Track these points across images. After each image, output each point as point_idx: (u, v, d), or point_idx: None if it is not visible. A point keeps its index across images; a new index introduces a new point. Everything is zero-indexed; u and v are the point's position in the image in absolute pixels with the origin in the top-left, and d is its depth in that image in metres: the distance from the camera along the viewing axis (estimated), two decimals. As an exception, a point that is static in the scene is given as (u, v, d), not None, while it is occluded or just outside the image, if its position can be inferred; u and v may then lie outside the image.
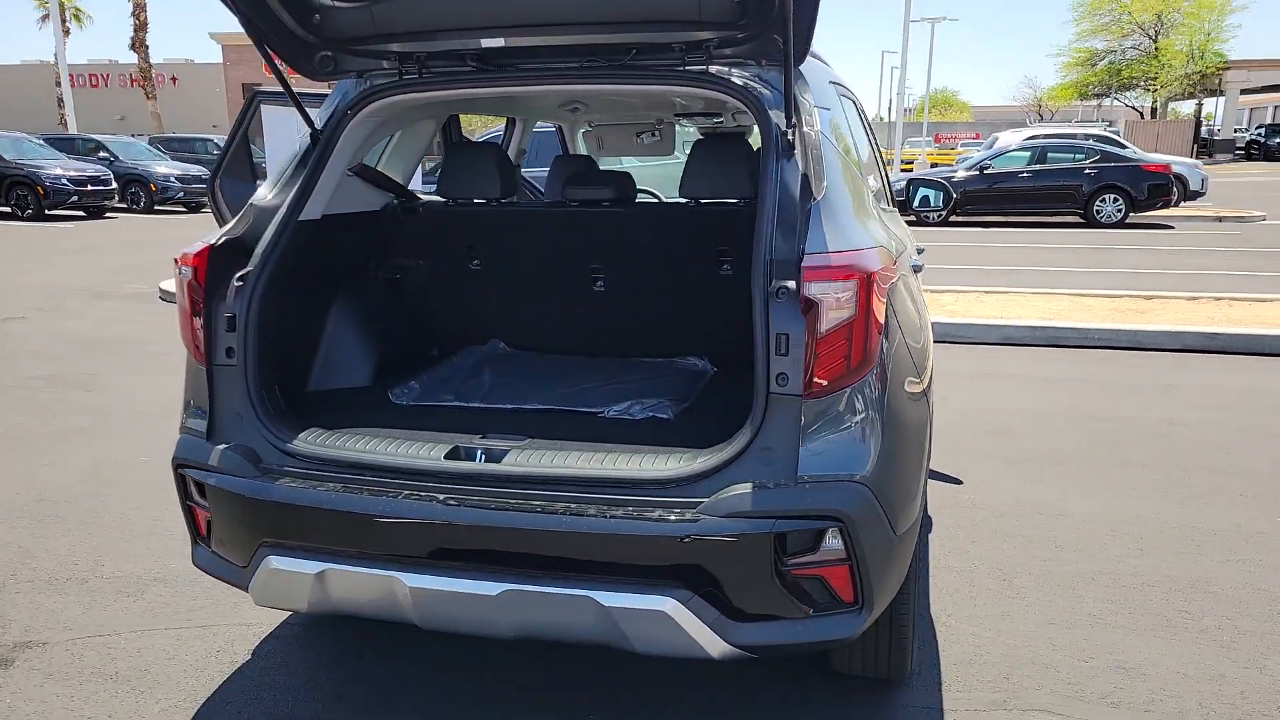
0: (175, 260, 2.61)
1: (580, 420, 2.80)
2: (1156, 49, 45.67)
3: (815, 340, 2.16)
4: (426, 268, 3.67)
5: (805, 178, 2.41)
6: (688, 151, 3.27)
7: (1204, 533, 4.03)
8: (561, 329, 3.77)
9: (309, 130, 2.85)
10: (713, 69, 2.61)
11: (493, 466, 2.34)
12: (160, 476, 4.72)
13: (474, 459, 2.42)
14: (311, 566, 2.34)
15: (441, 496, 2.28)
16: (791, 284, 2.22)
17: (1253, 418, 5.68)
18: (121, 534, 4.07)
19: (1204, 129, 46.23)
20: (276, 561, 2.37)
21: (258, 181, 4.41)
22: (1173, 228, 17.42)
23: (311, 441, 2.47)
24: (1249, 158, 44.88)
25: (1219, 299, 8.87)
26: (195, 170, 22.56)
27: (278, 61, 2.74)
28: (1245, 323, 7.67)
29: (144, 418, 5.83)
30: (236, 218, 2.76)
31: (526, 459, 2.36)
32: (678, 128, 5.38)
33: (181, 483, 2.59)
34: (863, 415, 2.22)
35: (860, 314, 2.17)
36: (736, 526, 2.13)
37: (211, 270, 2.56)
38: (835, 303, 2.16)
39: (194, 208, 22.66)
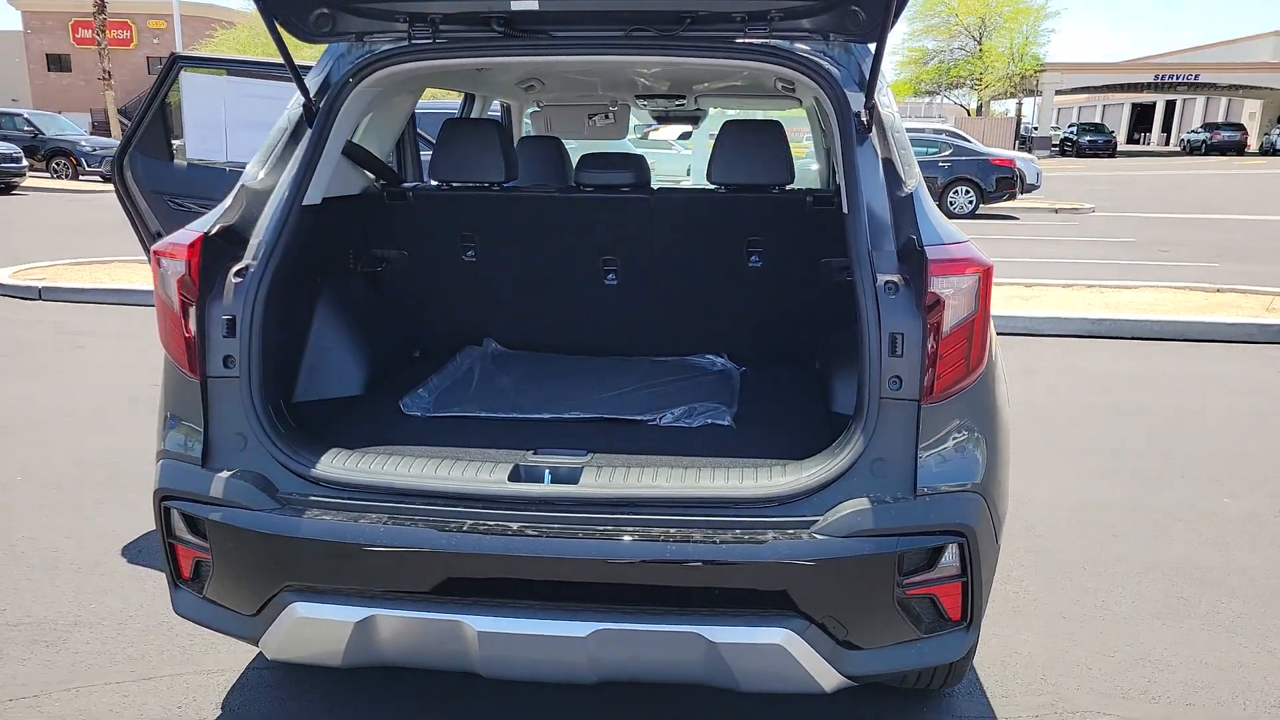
0: (155, 253, 2.17)
1: (634, 430, 2.54)
2: (981, 50, 48.55)
3: (938, 340, 1.98)
4: (416, 260, 3.30)
5: (890, 163, 2.24)
6: (652, 135, 3.06)
7: (1160, 514, 4.14)
8: (567, 327, 3.48)
9: (302, 101, 2.44)
10: (773, 42, 2.39)
11: (570, 489, 2.05)
12: (50, 498, 4.10)
13: (541, 479, 2.12)
14: (352, 613, 1.99)
15: (514, 525, 1.98)
16: (898, 278, 2.04)
17: (1144, 398, 5.96)
18: (19, 571, 3.48)
19: (1022, 127, 49.56)
20: (305, 609, 2.00)
21: (177, 160, 3.87)
22: (1018, 218, 18.46)
23: (341, 465, 2.10)
24: (1063, 154, 48.43)
25: (1091, 286, 9.37)
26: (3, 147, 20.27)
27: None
28: (1124, 308, 8.12)
29: (9, 431, 5.09)
30: (227, 201, 2.34)
31: (605, 479, 2.08)
32: (634, 110, 5.11)
33: (165, 517, 2.16)
34: (976, 419, 2.07)
35: (981, 310, 2.02)
36: (859, 547, 1.93)
37: (204, 264, 2.14)
38: (959, 299, 1.99)
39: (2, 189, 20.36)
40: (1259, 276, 10.29)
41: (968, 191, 18.08)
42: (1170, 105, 63.75)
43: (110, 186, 8.16)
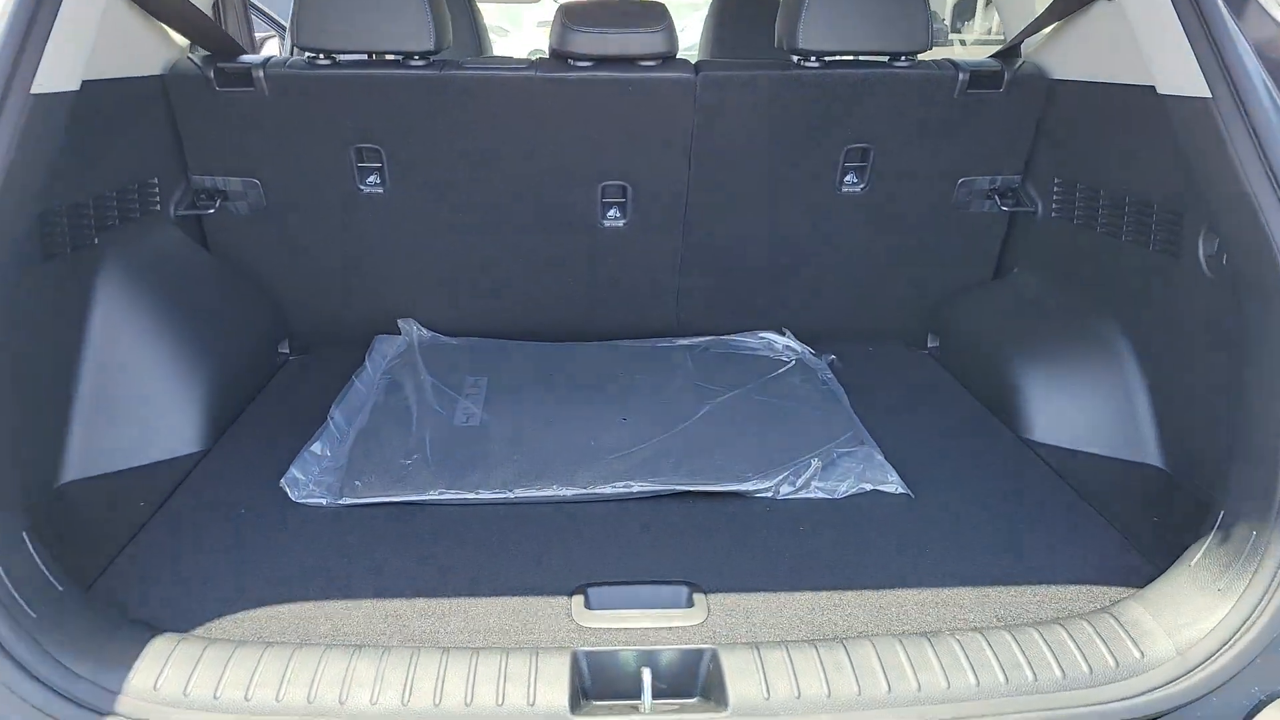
0: None
1: (741, 518, 1.64)
2: None
3: None
4: (277, 193, 2.17)
5: None
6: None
7: None
8: (540, 297, 2.39)
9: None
10: None
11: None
12: None
13: (633, 694, 1.21)
14: None
15: None
16: None
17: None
18: None
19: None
20: None
21: None
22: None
23: (168, 690, 1.14)
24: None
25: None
26: None
27: None
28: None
29: None
30: None
31: (753, 685, 1.18)
32: None
33: None
34: None
35: None
36: None
37: None
38: None
39: None
40: None
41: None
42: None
43: None
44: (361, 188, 2.15)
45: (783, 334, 2.40)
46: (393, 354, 2.19)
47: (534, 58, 2.17)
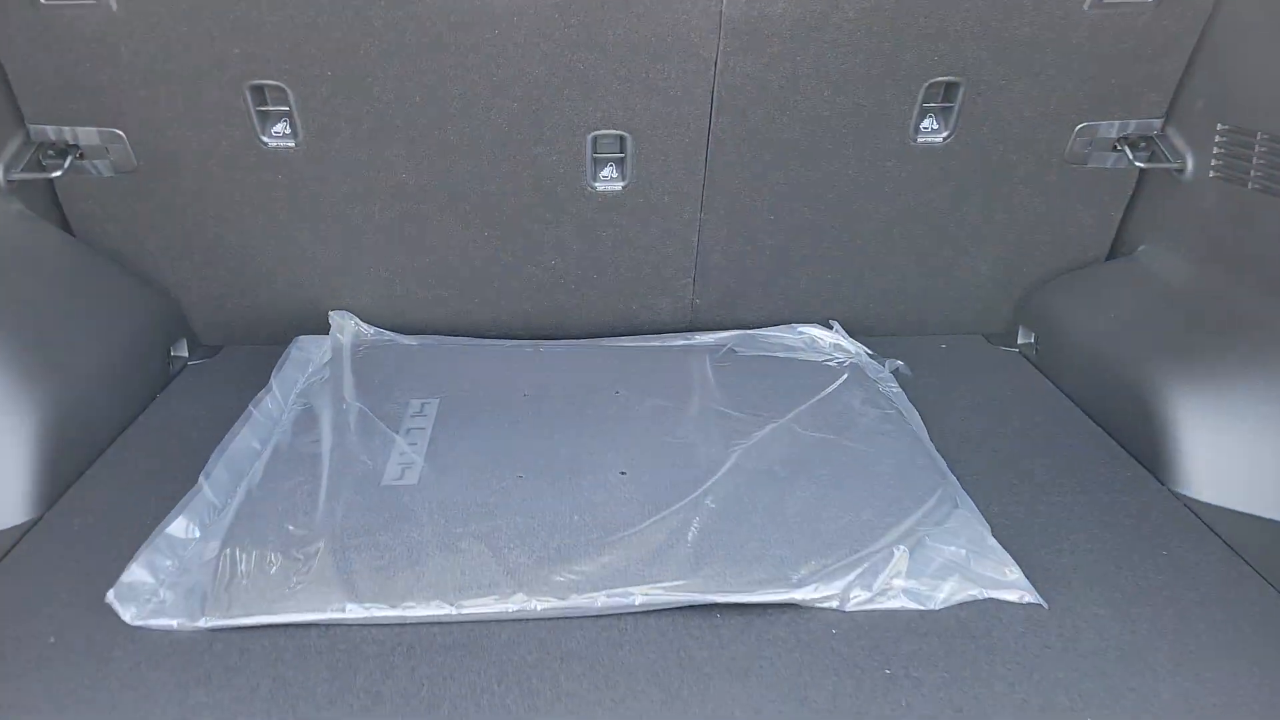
0: None
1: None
2: None
3: None
4: (149, 149, 1.63)
5: None
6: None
7: None
8: (507, 281, 1.85)
9: None
10: None
11: None
12: None
13: None
14: None
15: None
16: None
17: None
18: None
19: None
20: None
21: None
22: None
23: None
24: None
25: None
26: None
27: None
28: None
29: None
30: None
31: None
32: None
33: None
34: None
35: None
36: None
37: None
38: None
39: None
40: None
41: None
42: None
43: None
44: (265, 140, 1.58)
45: (829, 327, 1.85)
46: (315, 365, 1.64)
47: None
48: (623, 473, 1.37)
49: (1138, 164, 1.66)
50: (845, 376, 1.66)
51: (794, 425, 1.49)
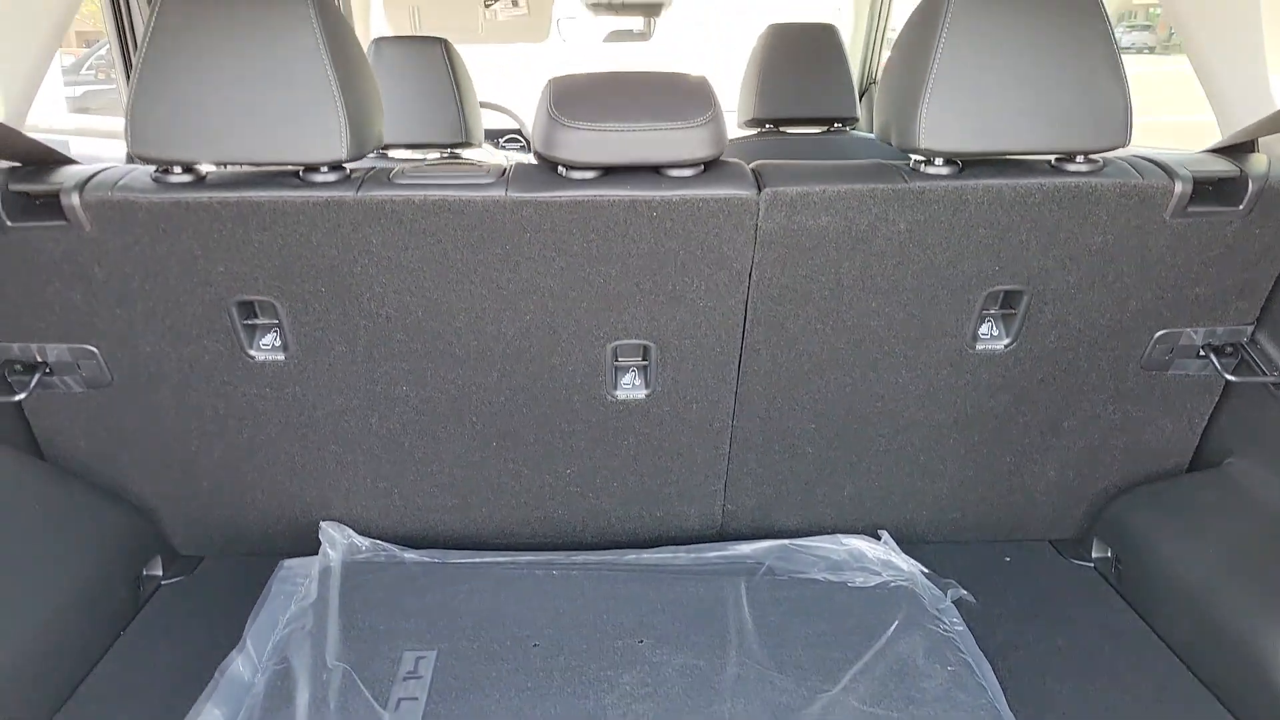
0: None
1: None
2: None
3: None
4: (121, 366, 1.51)
5: None
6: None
7: None
8: (517, 494, 1.68)
9: None
10: None
11: None
12: None
13: None
14: None
15: None
16: None
17: None
18: None
19: None
20: None
21: None
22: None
23: None
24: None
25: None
26: None
27: None
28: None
29: None
30: None
31: None
32: None
33: None
34: None
35: None
36: None
37: None
38: None
39: None
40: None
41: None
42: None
43: None
44: (253, 353, 1.44)
45: (877, 538, 1.66)
46: (297, 605, 1.46)
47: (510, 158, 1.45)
48: None
49: (1226, 376, 1.48)
50: (902, 614, 1.46)
51: (849, 698, 1.28)
